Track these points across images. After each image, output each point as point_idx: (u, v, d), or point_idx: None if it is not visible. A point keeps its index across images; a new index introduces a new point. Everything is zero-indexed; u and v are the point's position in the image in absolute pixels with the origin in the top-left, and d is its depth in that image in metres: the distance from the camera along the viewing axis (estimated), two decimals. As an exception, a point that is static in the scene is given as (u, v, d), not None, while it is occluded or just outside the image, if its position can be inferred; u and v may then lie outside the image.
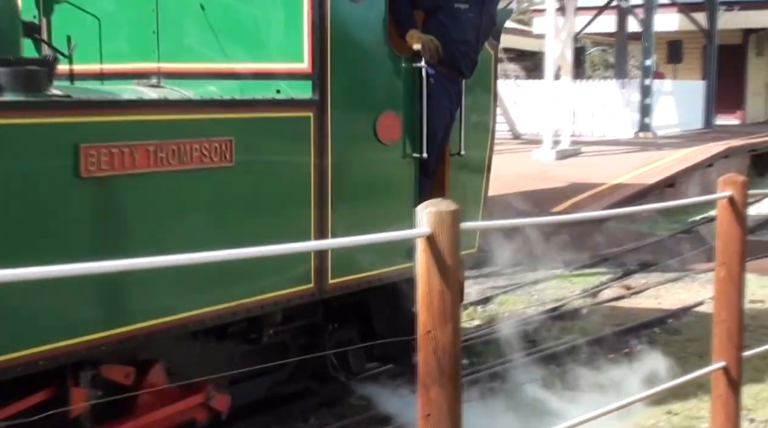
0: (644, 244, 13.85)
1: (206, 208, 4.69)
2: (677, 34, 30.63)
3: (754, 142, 24.98)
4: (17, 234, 3.95)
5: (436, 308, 3.55)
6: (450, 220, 3.56)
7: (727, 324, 5.73)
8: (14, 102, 4.03)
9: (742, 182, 5.67)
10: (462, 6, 6.01)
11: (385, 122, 5.63)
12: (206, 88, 5.45)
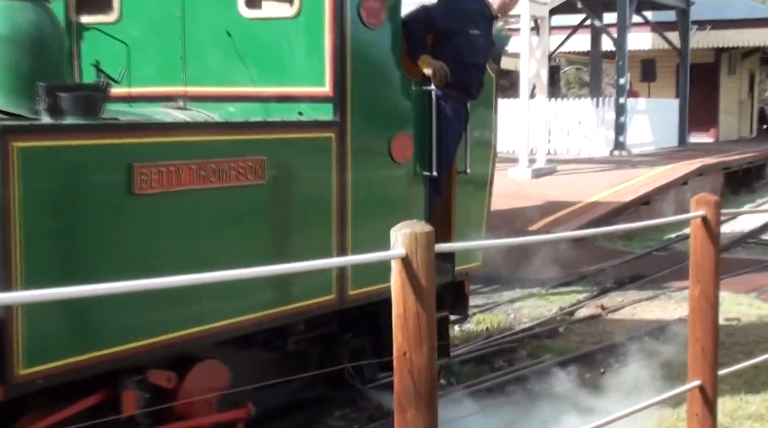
0: (620, 262, 14.01)
1: (242, 222, 5.11)
2: (651, 52, 31.34)
3: (728, 159, 25.59)
4: (78, 246, 4.35)
5: (412, 329, 3.61)
6: (425, 242, 3.62)
7: (702, 343, 5.86)
8: (76, 125, 4.44)
9: (715, 202, 5.82)
10: (475, 32, 6.48)
11: (398, 142, 6.09)
12: (227, 109, 5.88)
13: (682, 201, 19.44)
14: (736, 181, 25.99)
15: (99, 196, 4.41)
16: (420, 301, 3.61)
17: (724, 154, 26.53)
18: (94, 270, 4.41)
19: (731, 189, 25.31)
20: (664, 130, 29.39)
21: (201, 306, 4.90)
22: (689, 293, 5.89)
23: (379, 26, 5.90)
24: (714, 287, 5.87)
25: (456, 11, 6.51)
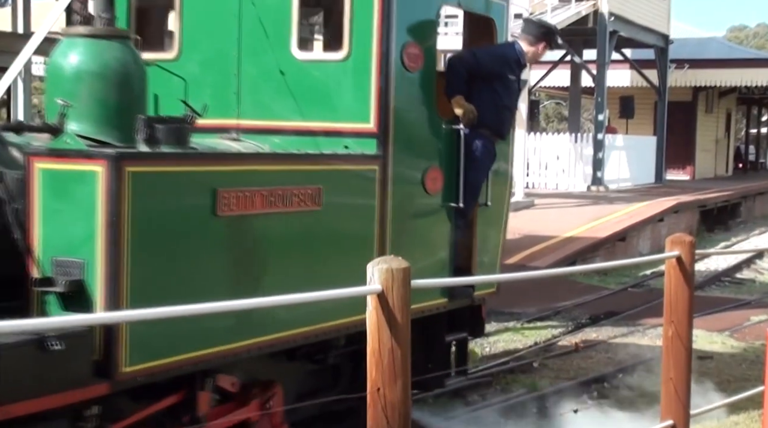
0: (596, 298, 14.34)
1: (301, 244, 5.88)
2: (629, 89, 32.47)
3: (703, 197, 26.51)
4: (172, 257, 5.10)
5: (386, 365, 3.70)
6: (401, 278, 3.73)
7: (675, 383, 6.08)
8: (175, 153, 5.21)
9: (689, 242, 6.08)
10: (512, 77, 7.34)
11: (431, 175, 6.90)
12: (272, 140, 6.65)
13: (658, 237, 20.19)
14: (712, 219, 26.84)
15: (189, 215, 5.17)
16: (395, 337, 3.72)
17: (700, 192, 27.51)
18: (185, 279, 5.16)
19: (706, 226, 26.13)
20: (642, 167, 30.36)
21: (261, 320, 5.64)
22: (663, 333, 6.17)
23: (418, 70, 6.73)
24: (687, 327, 6.13)
25: (499, 57, 7.37)
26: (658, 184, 30.70)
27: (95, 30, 5.64)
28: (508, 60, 7.39)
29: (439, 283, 6.68)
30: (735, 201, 29.37)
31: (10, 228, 4.99)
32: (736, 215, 29.25)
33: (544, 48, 7.56)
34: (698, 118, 37.42)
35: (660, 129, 31.82)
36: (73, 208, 4.85)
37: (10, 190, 5.01)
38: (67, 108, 5.35)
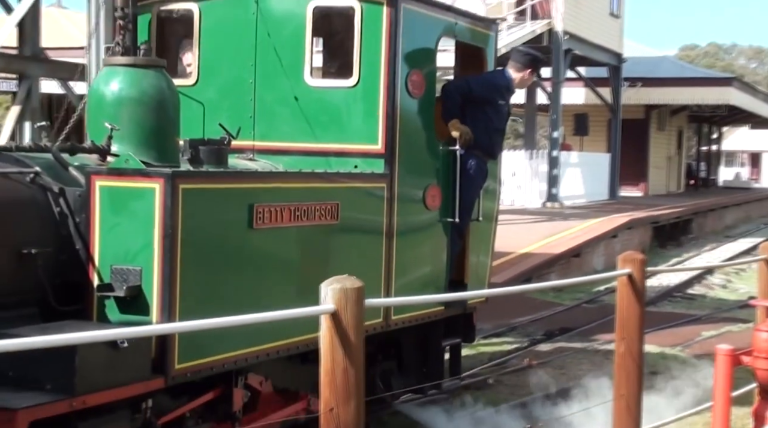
0: (551, 314, 14.67)
1: (321, 255, 6.63)
2: (583, 107, 33.55)
3: (656, 214, 27.46)
4: (216, 265, 5.81)
5: (340, 385, 3.77)
6: (355, 297, 3.82)
7: (627, 399, 6.23)
8: (216, 171, 5.94)
9: (641, 260, 6.26)
10: (502, 102, 8.15)
11: (431, 193, 7.69)
12: (283, 160, 7.38)
13: (612, 253, 20.43)
14: (664, 235, 27.77)
15: (230, 227, 5.90)
16: (348, 357, 3.79)
17: (652, 208, 28.47)
18: (226, 284, 5.88)
19: (659, 242, 27.07)
20: (596, 184, 31.36)
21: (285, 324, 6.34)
22: (615, 349, 6.33)
23: (421, 96, 7.51)
24: (639, 344, 6.27)
25: (490, 84, 8.21)
26: (611, 200, 31.75)
27: (135, 60, 6.34)
28: (498, 86, 8.22)
29: (394, 302, 7.05)
30: (687, 217, 30.39)
31: (72, 240, 5.66)
32: (687, 231, 30.30)
33: (531, 74, 8.38)
34: (651, 136, 38.72)
35: (614, 146, 32.89)
36: (131, 221, 5.54)
37: (71, 205, 5.69)
38: (114, 131, 6.05)
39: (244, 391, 6.33)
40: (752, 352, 6.75)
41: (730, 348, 6.66)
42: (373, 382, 7.79)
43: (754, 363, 6.74)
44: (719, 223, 34.86)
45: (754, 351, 6.73)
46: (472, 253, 8.33)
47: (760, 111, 44.02)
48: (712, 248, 27.55)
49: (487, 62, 8.47)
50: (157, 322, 5.47)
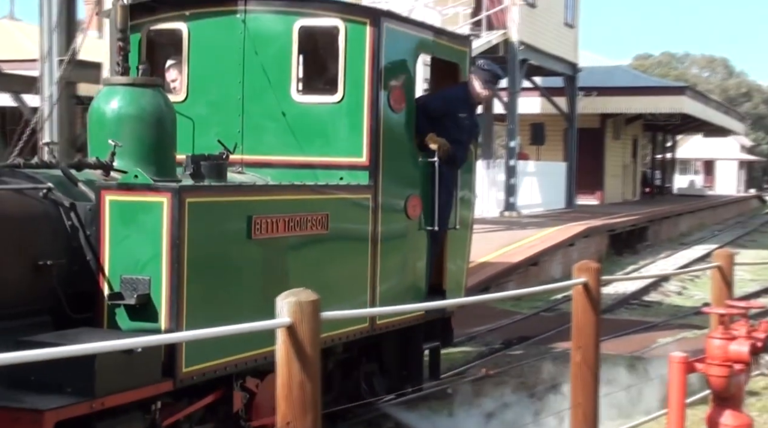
0: (509, 323, 14.79)
1: (313, 263, 7.06)
2: (540, 116, 34.17)
3: (612, 222, 27.95)
4: (218, 272, 6.22)
5: (296, 398, 3.81)
6: (310, 311, 3.85)
7: (584, 408, 6.34)
8: (218, 186, 6.36)
9: (595, 269, 6.38)
10: (462, 114, 8.60)
11: (412, 203, 8.16)
12: (270, 172, 7.79)
13: (569, 261, 21.02)
14: (620, 242, 28.30)
15: (231, 238, 6.31)
16: (305, 370, 3.83)
17: (608, 217, 28.98)
18: (228, 291, 6.29)
19: (615, 250, 27.56)
20: (553, 192, 31.93)
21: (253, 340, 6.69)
22: (571, 358, 6.45)
23: (402, 110, 7.98)
24: (595, 353, 6.39)
25: (449, 99, 8.68)
26: (568, 209, 32.29)
27: (134, 79, 6.75)
28: (457, 100, 8.68)
29: (350, 314, 7.25)
30: (642, 225, 30.99)
31: (83, 252, 6.05)
32: (643, 239, 30.88)
33: (491, 89, 8.85)
34: (606, 144, 39.48)
35: (570, 155, 33.48)
36: (139, 233, 5.94)
37: (81, 219, 6.07)
38: (118, 147, 6.44)
39: (243, 393, 6.73)
40: (705, 359, 6.81)
41: (683, 355, 6.73)
42: (358, 383, 8.23)
43: (708, 370, 6.80)
44: (674, 231, 35.53)
45: (708, 358, 6.80)
46: (449, 260, 8.80)
47: (713, 119, 45.03)
48: (668, 255, 28.09)
49: (461, 76, 8.96)
50: (165, 329, 5.86)
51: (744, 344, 6.75)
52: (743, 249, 30.74)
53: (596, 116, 37.41)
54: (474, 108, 8.88)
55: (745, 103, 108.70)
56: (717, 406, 6.87)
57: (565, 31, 32.84)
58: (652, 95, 36.95)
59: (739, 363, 6.74)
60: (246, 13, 7.87)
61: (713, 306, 8.07)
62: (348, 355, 8.15)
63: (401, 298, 8.05)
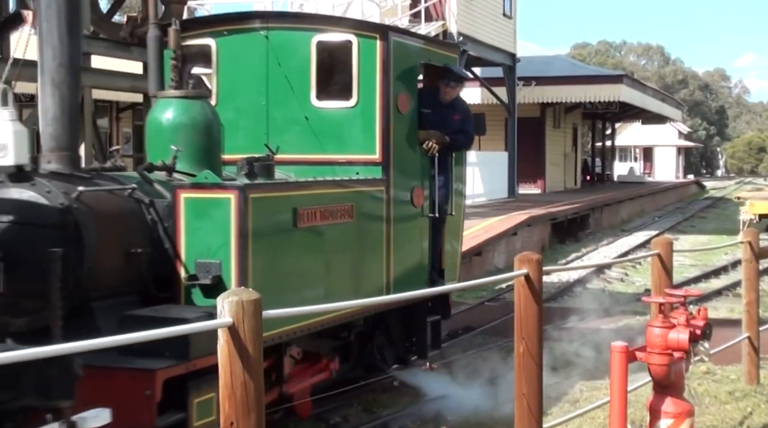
0: (454, 313, 14.96)
1: (342, 247, 8.52)
2: (481, 107, 35.66)
3: (554, 210, 29.31)
4: (272, 255, 7.65)
5: (239, 399, 3.93)
6: (252, 310, 3.96)
7: (528, 399, 6.61)
8: (272, 183, 7.80)
9: (536, 260, 6.64)
10: (426, 110, 10.01)
11: (417, 193, 9.67)
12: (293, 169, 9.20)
13: (513, 250, 22.10)
14: (563, 231, 29.72)
15: (281, 227, 7.75)
16: (247, 370, 3.96)
17: (550, 205, 30.41)
18: (279, 271, 7.73)
19: (558, 238, 28.96)
20: (495, 182, 33.34)
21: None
22: (515, 349, 6.77)
23: (407, 112, 9.47)
24: (538, 344, 6.68)
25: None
26: (511, 198, 33.82)
27: (186, 92, 8.16)
28: (425, 98, 10.09)
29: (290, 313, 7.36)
30: (584, 213, 32.47)
31: (162, 241, 7.44)
32: (585, 226, 32.36)
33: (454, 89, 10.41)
34: (547, 134, 41.20)
35: (511, 145, 34.97)
36: (210, 224, 7.35)
37: (159, 213, 7.46)
38: (179, 152, 7.85)
39: (290, 359, 8.19)
40: (646, 348, 7.07)
41: (624, 344, 6.91)
42: (372, 353, 9.73)
43: (648, 359, 7.05)
44: (615, 218, 37.18)
45: (648, 347, 7.06)
46: (447, 242, 10.34)
47: (651, 107, 47.05)
48: (609, 242, 29.52)
49: (454, 80, 10.49)
50: (235, 304, 7.28)
51: (683, 332, 7.02)
52: (683, 234, 32.88)
53: (536, 105, 39.04)
54: (441, 104, 10.30)
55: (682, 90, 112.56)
56: (658, 394, 7.14)
57: (504, 22, 34.39)
58: (591, 84, 38.62)
59: (678, 351, 7.02)
60: (269, 30, 9.31)
61: (653, 295, 8.48)
62: (364, 328, 9.63)
63: (409, 274, 9.58)
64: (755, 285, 10.95)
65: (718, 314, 15.25)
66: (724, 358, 11.11)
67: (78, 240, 6.76)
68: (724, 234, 31.94)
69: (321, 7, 25.47)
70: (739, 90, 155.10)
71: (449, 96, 10.49)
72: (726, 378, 11.19)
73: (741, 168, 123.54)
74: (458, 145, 10.31)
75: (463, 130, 10.32)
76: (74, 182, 7.03)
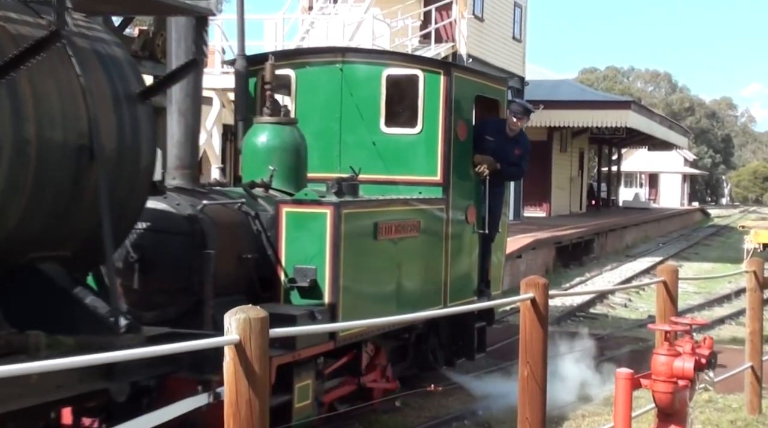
0: None
1: (411, 257, 10.10)
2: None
3: (559, 234, 30.50)
4: (357, 262, 9.18)
5: (244, 417, 4.00)
6: (259, 328, 4.04)
7: (531, 423, 6.78)
8: (359, 200, 9.37)
9: (543, 284, 6.83)
10: (490, 138, 11.64)
11: (470, 211, 11.28)
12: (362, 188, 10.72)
13: (517, 273, 23.36)
14: (567, 255, 30.75)
15: (365, 239, 9.31)
16: (253, 388, 4.03)
17: (555, 229, 31.60)
18: (364, 274, 9.29)
19: (562, 262, 29.96)
20: (501, 205, 34.64)
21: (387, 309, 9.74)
22: (519, 374, 6.91)
23: (465, 139, 11.07)
24: (542, 368, 6.84)
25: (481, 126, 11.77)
26: (516, 220, 34.75)
27: (279, 119, 9.74)
28: (490, 128, 11.74)
29: (296, 332, 7.82)
30: (588, 237, 33.63)
31: (265, 248, 8.99)
32: (589, 251, 33.56)
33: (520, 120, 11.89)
34: (553, 157, 42.60)
35: (518, 167, 36.33)
36: (308, 235, 8.91)
37: (263, 224, 9.01)
38: (275, 172, 9.41)
39: (367, 354, 9.75)
40: (650, 375, 7.26)
41: (629, 371, 7.06)
42: (426, 353, 11.37)
43: (653, 386, 7.26)
44: (620, 243, 38.51)
45: (653, 374, 7.24)
46: (493, 255, 11.91)
47: (657, 133, 48.35)
48: (613, 267, 30.66)
49: (501, 109, 12.11)
50: (328, 304, 8.82)
51: (689, 360, 7.22)
52: (687, 261, 33.97)
53: (543, 129, 40.26)
54: (504, 135, 11.90)
55: (689, 118, 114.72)
56: (662, 422, 7.37)
57: (513, 45, 35.92)
58: (598, 109, 39.90)
59: (683, 379, 7.23)
60: (344, 63, 10.90)
61: (658, 323, 8.66)
62: (422, 331, 11.20)
63: (462, 284, 11.18)
64: (759, 315, 11.23)
65: (722, 342, 15.42)
66: (727, 387, 11.42)
67: (203, 247, 8.31)
68: (728, 262, 32.94)
69: (331, 27, 26.61)
70: (746, 119, 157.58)
71: (516, 126, 11.94)
72: (728, 407, 11.52)
73: (746, 197, 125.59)
74: (509, 175, 11.96)
75: (519, 165, 11.92)
76: (197, 196, 8.64)
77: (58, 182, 6.49)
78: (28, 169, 6.20)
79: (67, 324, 6.57)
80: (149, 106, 7.31)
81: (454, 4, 30.74)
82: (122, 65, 7.21)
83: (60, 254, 6.84)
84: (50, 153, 6.36)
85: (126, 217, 7.26)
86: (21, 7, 6.56)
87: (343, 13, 27.29)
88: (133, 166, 7.17)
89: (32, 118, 6.20)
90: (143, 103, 7.20)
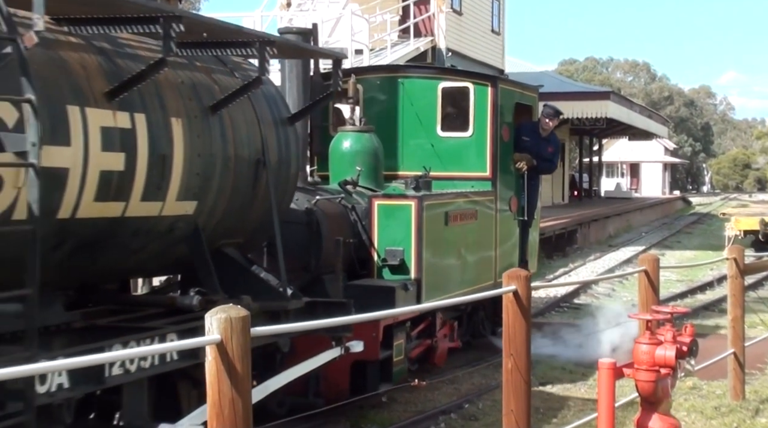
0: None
1: (471, 240, 12.91)
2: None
3: (542, 225, 29.80)
4: (435, 243, 11.94)
5: (227, 417, 4.26)
6: (240, 327, 4.26)
7: (516, 415, 7.03)
8: (435, 193, 12.18)
9: (525, 276, 7.15)
10: (526, 139, 14.51)
11: (513, 201, 14.17)
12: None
13: None
14: (551, 246, 32.40)
15: (439, 225, 12.08)
16: (236, 388, 4.27)
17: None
18: (438, 256, 12.04)
19: (546, 253, 31.08)
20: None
21: (455, 283, 12.53)
22: (503, 366, 7.18)
23: (508, 140, 13.95)
24: (526, 360, 7.10)
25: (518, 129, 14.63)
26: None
27: (360, 128, 12.58)
28: (526, 130, 14.63)
29: (278, 330, 7.31)
30: (571, 228, 35.60)
31: (360, 234, 11.77)
32: (572, 241, 35.52)
33: (552, 121, 14.80)
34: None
35: (500, 159, 38.66)
36: (396, 223, 11.68)
37: (359, 215, 11.79)
38: (361, 172, 12.21)
39: (441, 320, 12.61)
40: (633, 364, 7.58)
41: (611, 361, 7.35)
42: (476, 323, 14.29)
43: (635, 375, 7.55)
44: (602, 233, 40.71)
45: (635, 364, 7.55)
46: (531, 238, 14.87)
47: (637, 123, 50.91)
48: (597, 257, 32.56)
49: (534, 113, 15.08)
50: (414, 278, 11.60)
51: (670, 348, 7.55)
52: (669, 250, 35.80)
53: (524, 121, 42.64)
54: (539, 136, 14.76)
55: (668, 107, 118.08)
56: (645, 410, 7.71)
57: (492, 38, 38.24)
58: (578, 100, 42.32)
59: (665, 367, 7.53)
60: (404, 78, 13.77)
61: (639, 312, 9.08)
62: (475, 303, 14.02)
63: (507, 261, 13.95)
64: (740, 301, 11.83)
65: (704, 329, 16.77)
66: (710, 373, 12.25)
67: (318, 234, 11.09)
68: (709, 249, 34.62)
69: (311, 22, 28.14)
70: (724, 107, 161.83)
71: (548, 127, 14.87)
72: (711, 393, 12.30)
73: (726, 184, 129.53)
74: (543, 169, 14.88)
75: (551, 160, 14.85)
76: (308, 193, 11.39)
77: (244, 187, 9.14)
78: (229, 178, 8.87)
79: (249, 293, 9.16)
80: (294, 127, 10.03)
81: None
82: (276, 97, 9.91)
83: (236, 241, 9.50)
84: (241, 166, 8.99)
85: (281, 212, 9.97)
86: (217, 62, 9.19)
87: (322, 9, 28.34)
88: (287, 173, 9.87)
89: (232, 140, 8.86)
90: (291, 125, 9.93)
